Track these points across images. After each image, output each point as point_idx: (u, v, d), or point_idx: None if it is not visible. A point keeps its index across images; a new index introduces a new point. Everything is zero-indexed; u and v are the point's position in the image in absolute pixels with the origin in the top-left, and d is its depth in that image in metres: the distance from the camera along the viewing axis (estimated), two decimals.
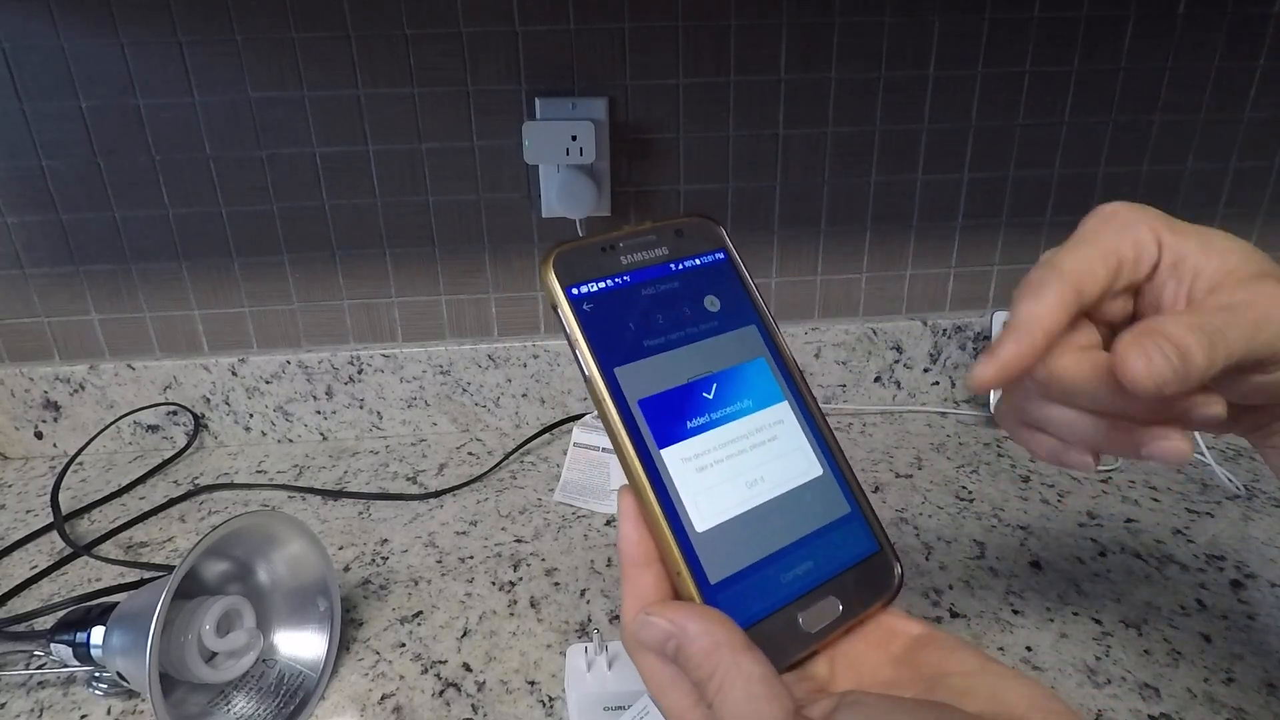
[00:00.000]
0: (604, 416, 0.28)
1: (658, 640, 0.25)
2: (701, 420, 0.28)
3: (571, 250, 0.29)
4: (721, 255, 0.32)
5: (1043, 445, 0.33)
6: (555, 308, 0.28)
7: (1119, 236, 0.30)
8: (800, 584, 0.27)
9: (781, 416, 0.30)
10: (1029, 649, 0.53)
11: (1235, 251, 0.29)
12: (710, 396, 0.29)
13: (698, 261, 0.31)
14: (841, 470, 0.30)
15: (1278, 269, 0.29)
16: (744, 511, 0.28)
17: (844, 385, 0.86)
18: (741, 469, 0.28)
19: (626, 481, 0.28)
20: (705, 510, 0.27)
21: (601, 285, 0.29)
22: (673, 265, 0.30)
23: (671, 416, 0.28)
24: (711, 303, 0.30)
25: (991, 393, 0.80)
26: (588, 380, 0.28)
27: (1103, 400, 0.29)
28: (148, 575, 0.61)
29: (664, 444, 0.28)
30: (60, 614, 0.52)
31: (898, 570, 0.29)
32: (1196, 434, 0.72)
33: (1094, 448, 0.32)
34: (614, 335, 0.28)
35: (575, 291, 0.28)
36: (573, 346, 0.28)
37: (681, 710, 0.25)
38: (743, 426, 0.29)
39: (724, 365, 0.30)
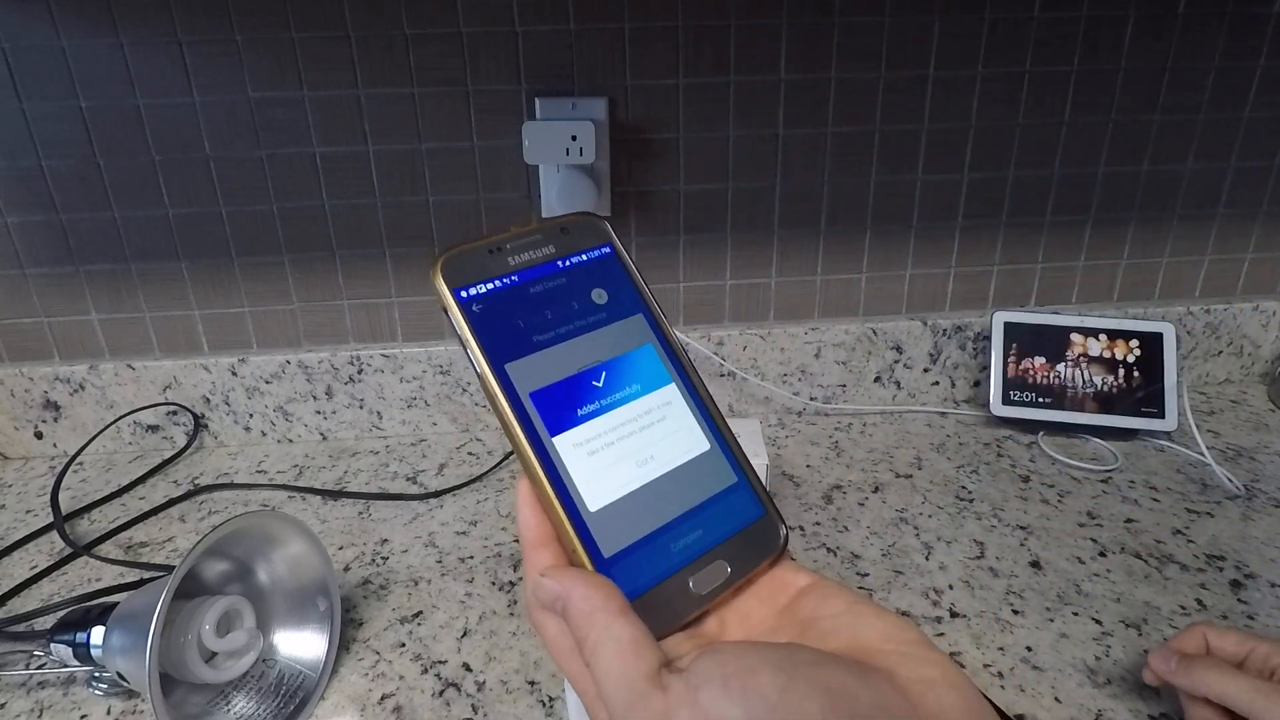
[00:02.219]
0: (496, 410, 0.29)
1: (548, 600, 0.27)
2: (592, 407, 0.30)
3: (459, 254, 0.30)
4: (608, 249, 0.33)
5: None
6: (445, 310, 0.29)
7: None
8: (690, 551, 0.29)
9: (670, 398, 0.31)
10: (1029, 649, 0.53)
11: None
12: (600, 385, 0.30)
13: (584, 257, 0.32)
14: (728, 443, 0.32)
15: None
16: (635, 489, 0.30)
17: (844, 385, 0.86)
18: (632, 449, 0.30)
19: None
20: (597, 491, 0.29)
21: (490, 286, 0.30)
22: (559, 262, 0.32)
23: (562, 405, 0.30)
24: (599, 295, 0.32)
25: (992, 394, 0.80)
26: (479, 377, 0.29)
27: None
28: (148, 575, 0.61)
29: (555, 432, 0.29)
30: (60, 614, 0.52)
31: (783, 531, 0.31)
32: (1197, 434, 0.73)
33: None
34: (504, 333, 0.30)
35: (464, 294, 0.30)
36: (464, 346, 0.29)
37: (573, 670, 0.27)
38: (632, 410, 0.31)
39: (612, 354, 0.31)
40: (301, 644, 0.52)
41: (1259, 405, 0.85)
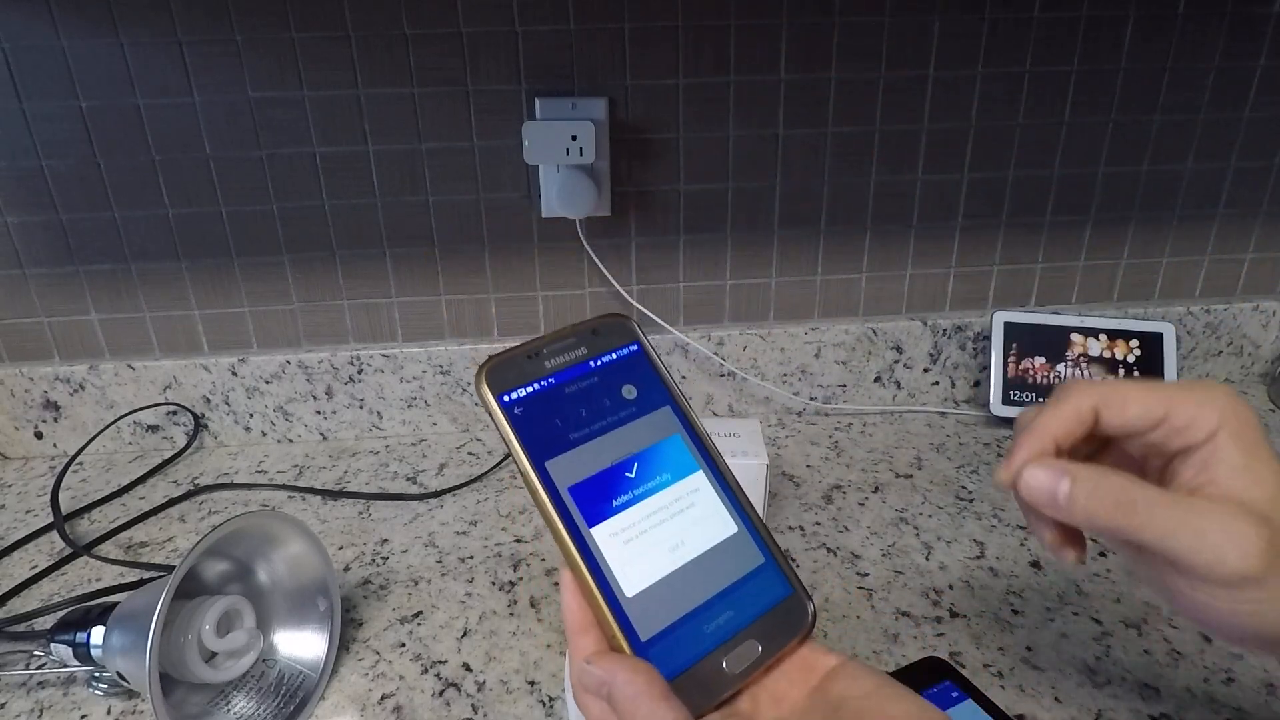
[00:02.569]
0: (538, 505, 0.31)
1: (593, 685, 0.29)
2: (625, 498, 0.32)
3: (501, 362, 0.33)
4: (635, 347, 0.35)
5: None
6: (490, 414, 0.32)
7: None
8: (722, 631, 0.31)
9: (697, 485, 0.33)
10: (1029, 649, 0.53)
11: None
12: (632, 475, 0.33)
13: (614, 356, 0.35)
14: (754, 525, 0.33)
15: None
16: (668, 574, 0.31)
17: (844, 385, 0.86)
18: (664, 536, 0.32)
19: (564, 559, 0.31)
20: (633, 577, 0.31)
21: (529, 389, 0.33)
22: (591, 363, 0.34)
23: (598, 498, 0.32)
24: (629, 391, 0.34)
25: (992, 395, 0.81)
26: (521, 474, 0.32)
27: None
28: (148, 575, 0.61)
29: (593, 523, 0.31)
30: (60, 614, 0.52)
31: (810, 609, 0.32)
32: None
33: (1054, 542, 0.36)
34: (543, 432, 0.32)
35: (506, 398, 0.32)
36: (507, 446, 0.32)
37: None
38: (663, 498, 0.33)
39: (643, 446, 0.33)
40: (301, 644, 0.52)
41: (1259, 405, 0.85)
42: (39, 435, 0.80)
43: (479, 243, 0.77)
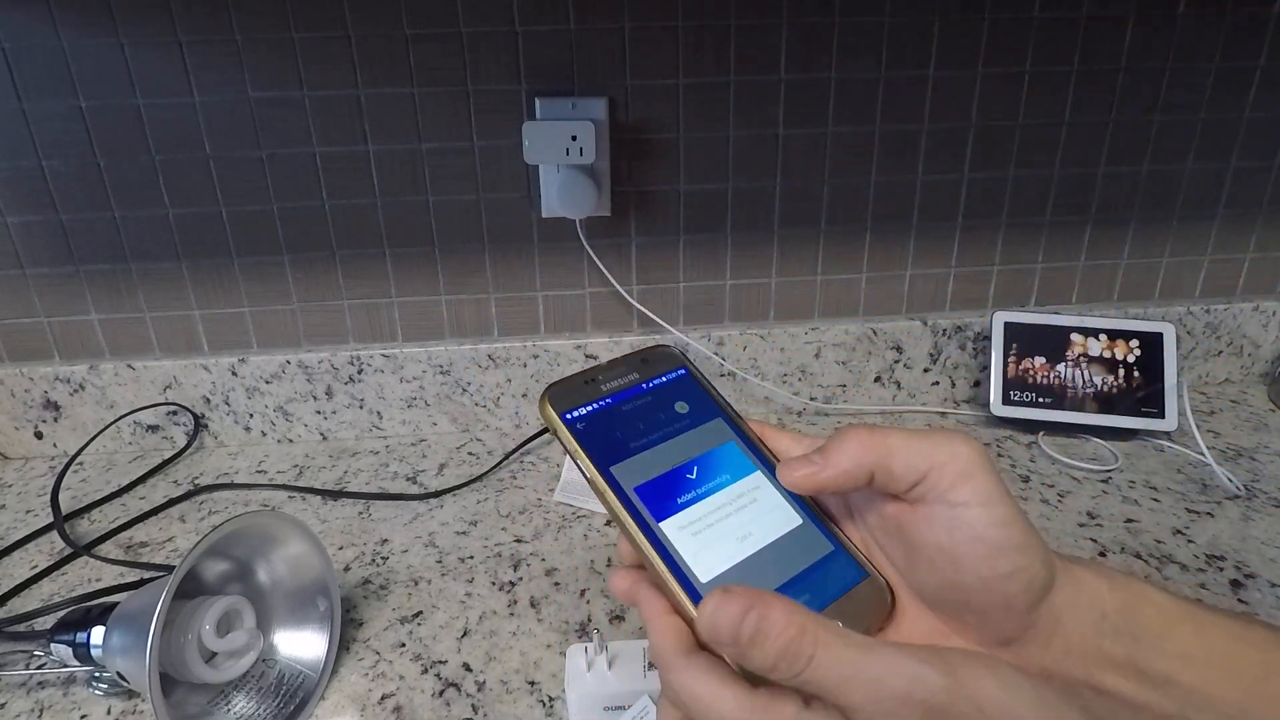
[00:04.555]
0: (608, 506, 0.33)
1: (739, 609, 0.27)
2: (689, 495, 0.34)
3: (560, 386, 0.35)
4: (683, 371, 0.38)
5: None
6: (555, 432, 0.34)
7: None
8: None
9: (757, 484, 0.35)
10: None
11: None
12: (693, 477, 0.35)
13: (664, 379, 0.38)
14: (819, 517, 0.35)
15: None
16: (740, 561, 0.32)
17: (844, 385, 0.86)
18: (731, 529, 0.33)
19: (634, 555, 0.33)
20: (706, 564, 0.32)
21: (589, 408, 0.35)
22: (644, 385, 0.37)
23: (664, 495, 0.34)
24: (681, 407, 0.37)
25: (992, 394, 0.80)
26: (589, 480, 0.33)
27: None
28: (148, 575, 0.61)
29: (661, 518, 0.33)
30: (60, 614, 0.52)
31: (889, 589, 0.33)
32: (1197, 434, 0.73)
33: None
34: (605, 443, 0.34)
35: (569, 416, 0.35)
36: (573, 458, 0.34)
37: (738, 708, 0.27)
38: (725, 496, 0.34)
39: (700, 451, 0.36)
40: (301, 644, 0.52)
41: (1259, 405, 0.85)
42: (39, 435, 0.80)
43: (479, 243, 0.77)
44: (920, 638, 0.30)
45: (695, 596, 0.31)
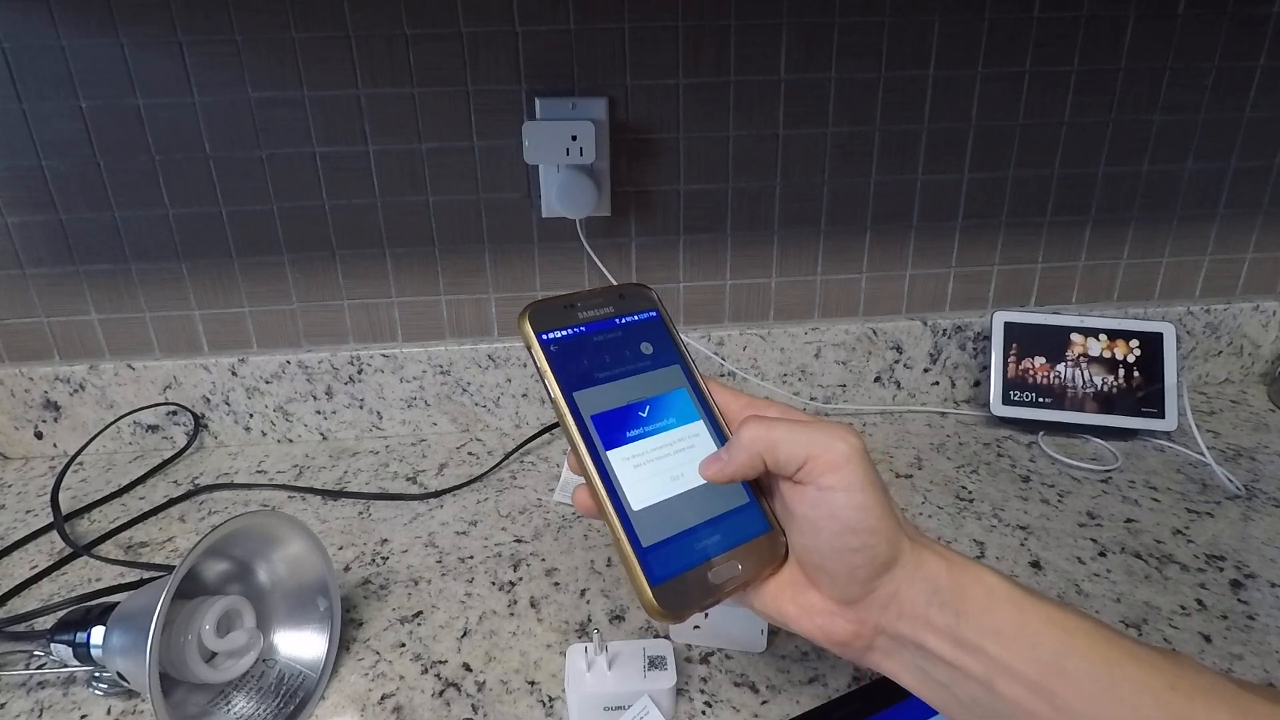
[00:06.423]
0: (565, 427, 0.37)
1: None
2: (638, 431, 0.38)
3: (541, 306, 0.39)
4: (654, 313, 0.42)
5: None
6: (529, 348, 0.38)
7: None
8: (710, 550, 0.37)
9: (697, 432, 0.40)
10: None
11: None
12: (644, 415, 0.39)
13: (635, 318, 0.41)
14: None
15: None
16: (668, 497, 0.37)
17: (844, 385, 0.86)
18: (666, 468, 0.38)
19: (582, 478, 0.37)
20: (639, 495, 0.37)
21: (564, 333, 0.39)
22: (616, 320, 0.41)
23: (615, 427, 0.38)
24: (646, 347, 0.41)
25: (992, 394, 0.80)
26: (553, 400, 0.37)
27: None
28: (148, 575, 0.61)
29: (609, 447, 0.37)
30: (60, 614, 0.52)
31: (784, 544, 0.38)
32: (1197, 434, 0.73)
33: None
34: (573, 369, 0.38)
35: (544, 337, 0.38)
36: (541, 376, 0.38)
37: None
38: (668, 438, 0.39)
39: (654, 393, 0.40)
40: (301, 644, 0.52)
41: (1259, 405, 0.85)
42: (39, 435, 0.80)
43: (479, 243, 0.77)
44: (788, 586, 0.37)
45: (625, 520, 0.36)
